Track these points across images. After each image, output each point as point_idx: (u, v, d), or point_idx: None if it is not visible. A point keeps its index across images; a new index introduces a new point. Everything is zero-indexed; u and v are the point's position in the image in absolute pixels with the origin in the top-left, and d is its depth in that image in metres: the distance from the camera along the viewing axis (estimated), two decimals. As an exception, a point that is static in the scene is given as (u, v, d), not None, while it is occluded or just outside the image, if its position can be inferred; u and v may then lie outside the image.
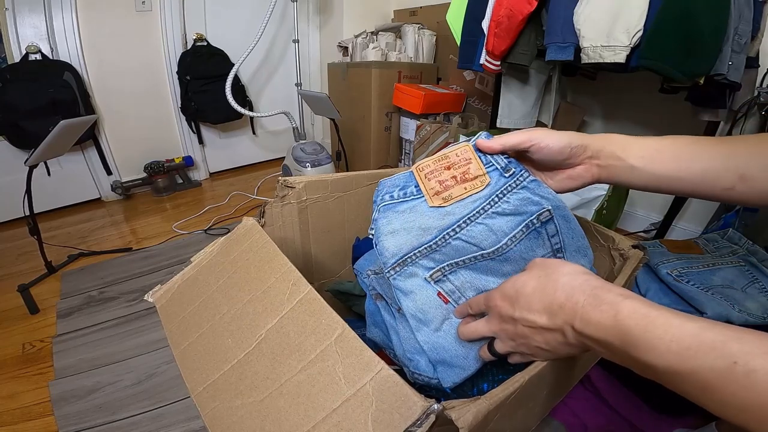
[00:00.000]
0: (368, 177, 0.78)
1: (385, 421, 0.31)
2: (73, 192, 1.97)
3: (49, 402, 0.91)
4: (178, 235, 1.67)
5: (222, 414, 0.39)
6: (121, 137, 1.99)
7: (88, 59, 1.79)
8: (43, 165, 1.60)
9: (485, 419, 0.32)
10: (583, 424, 0.80)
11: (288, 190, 0.69)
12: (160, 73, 2.02)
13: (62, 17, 1.69)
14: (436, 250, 0.46)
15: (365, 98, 1.90)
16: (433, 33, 2.00)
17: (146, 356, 1.03)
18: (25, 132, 1.62)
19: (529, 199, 0.46)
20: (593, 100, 1.57)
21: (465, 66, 1.30)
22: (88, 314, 1.20)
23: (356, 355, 0.35)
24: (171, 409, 0.88)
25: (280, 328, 0.41)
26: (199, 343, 0.45)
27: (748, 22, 0.91)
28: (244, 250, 0.50)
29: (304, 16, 2.29)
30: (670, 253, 0.86)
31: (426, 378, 0.46)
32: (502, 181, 0.46)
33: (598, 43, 0.96)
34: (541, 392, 0.44)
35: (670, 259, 0.83)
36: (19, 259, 1.53)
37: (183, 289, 0.51)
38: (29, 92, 1.60)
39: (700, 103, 1.09)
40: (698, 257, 0.84)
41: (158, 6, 1.90)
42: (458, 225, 0.46)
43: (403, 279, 0.46)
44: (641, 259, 0.55)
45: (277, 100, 2.38)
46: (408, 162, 1.95)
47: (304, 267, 0.78)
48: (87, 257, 1.52)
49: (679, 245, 0.90)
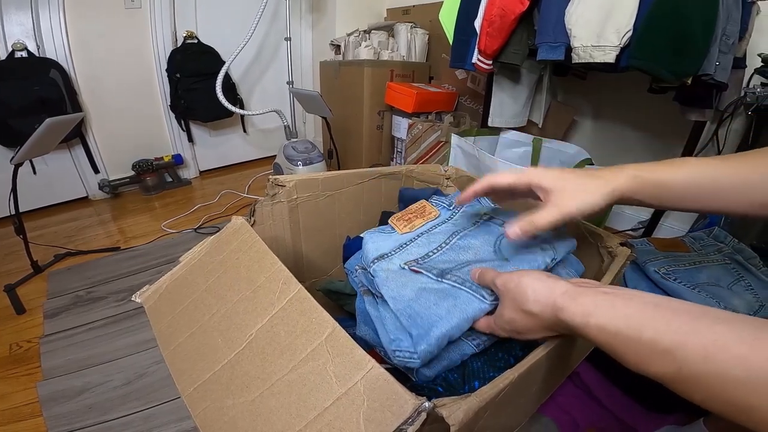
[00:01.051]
0: (360, 175, 0.78)
1: (376, 420, 0.31)
2: (60, 191, 1.94)
3: (37, 403, 0.90)
4: (167, 234, 1.65)
5: (213, 414, 0.38)
6: (109, 135, 1.97)
7: (75, 57, 1.77)
8: (29, 163, 1.58)
9: (476, 416, 0.32)
10: (573, 420, 0.81)
11: (278, 188, 0.69)
12: (150, 71, 2.00)
13: (49, 14, 1.66)
14: (406, 248, 0.57)
15: (357, 97, 1.90)
16: (425, 32, 2.00)
17: (136, 356, 1.02)
18: (10, 130, 1.59)
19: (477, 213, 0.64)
20: (583, 100, 1.58)
21: (457, 65, 1.30)
22: (76, 314, 1.18)
23: (347, 354, 0.35)
24: (162, 409, 0.87)
25: (270, 328, 0.41)
26: (188, 344, 0.44)
27: (736, 23, 0.92)
28: (234, 249, 0.50)
29: (297, 14, 2.27)
30: (657, 251, 0.88)
31: (408, 354, 0.45)
32: (447, 213, 0.66)
33: (588, 43, 0.97)
34: (530, 389, 0.45)
35: (658, 257, 0.84)
36: (4, 259, 1.50)
37: (172, 289, 0.51)
38: (15, 90, 1.57)
39: (688, 103, 1.10)
40: (685, 255, 0.85)
41: (148, 3, 1.87)
42: (422, 233, 0.61)
43: (382, 269, 0.53)
44: (629, 256, 0.56)
45: (269, 98, 2.36)
46: (400, 161, 1.95)
47: (295, 266, 0.77)
48: (74, 257, 1.50)
49: (667, 243, 0.91)
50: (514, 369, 0.37)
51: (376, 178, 0.81)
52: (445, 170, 0.87)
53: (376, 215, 0.84)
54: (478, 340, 0.48)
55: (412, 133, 1.77)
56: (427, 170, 0.87)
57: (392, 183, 0.85)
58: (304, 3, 2.26)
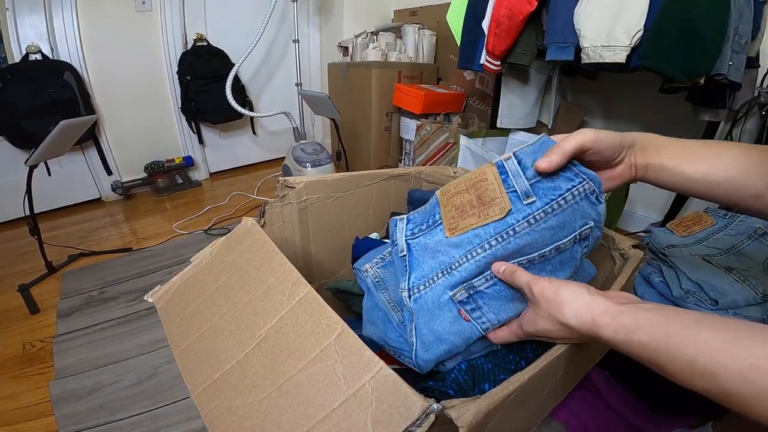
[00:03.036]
0: (369, 177, 0.78)
1: (384, 421, 0.31)
2: (74, 192, 1.97)
3: (49, 402, 0.91)
4: (178, 235, 1.67)
5: (222, 414, 0.39)
6: (121, 137, 2.00)
7: (88, 59, 1.80)
8: (44, 165, 1.61)
9: (485, 418, 0.32)
10: (583, 424, 0.80)
11: (288, 190, 0.69)
12: (161, 73, 2.02)
13: (62, 17, 1.69)
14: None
15: (365, 98, 1.90)
16: (433, 33, 2.00)
17: (146, 356, 1.03)
18: (25, 132, 1.62)
19: None
20: (593, 100, 1.57)
21: (465, 66, 1.30)
22: (89, 314, 1.20)
23: (356, 355, 0.35)
24: (171, 409, 0.88)
25: (279, 328, 0.41)
26: (199, 343, 0.45)
27: (749, 22, 0.91)
28: (244, 250, 0.50)
29: (305, 16, 2.29)
30: (680, 237, 0.86)
31: None
32: None
33: (598, 43, 0.96)
34: (541, 392, 0.44)
35: (687, 245, 0.83)
36: (19, 259, 1.53)
37: (183, 290, 0.51)
38: (29, 92, 1.60)
39: (701, 103, 1.09)
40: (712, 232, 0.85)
41: (158, 6, 1.90)
42: None
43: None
44: (642, 259, 0.55)
45: (278, 100, 2.37)
46: (408, 162, 1.95)
47: (304, 267, 0.78)
48: (87, 257, 1.52)
49: (688, 222, 0.89)
50: (524, 371, 0.37)
51: (385, 180, 0.81)
52: (454, 172, 0.87)
53: (385, 217, 0.84)
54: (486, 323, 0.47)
55: (421, 135, 1.77)
56: (436, 172, 0.86)
57: (401, 184, 0.85)
58: (312, 5, 2.27)
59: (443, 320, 0.46)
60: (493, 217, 0.44)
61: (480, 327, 0.46)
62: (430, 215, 0.50)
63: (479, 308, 0.46)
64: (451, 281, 0.46)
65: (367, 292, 0.56)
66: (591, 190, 0.43)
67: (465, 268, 0.45)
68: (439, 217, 0.49)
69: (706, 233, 0.85)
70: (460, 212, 0.47)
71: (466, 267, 0.45)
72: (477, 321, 0.46)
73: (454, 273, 0.46)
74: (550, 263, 0.46)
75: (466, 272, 0.45)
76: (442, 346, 0.47)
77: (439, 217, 0.49)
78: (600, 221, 0.46)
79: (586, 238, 0.46)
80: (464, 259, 0.45)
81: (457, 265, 0.45)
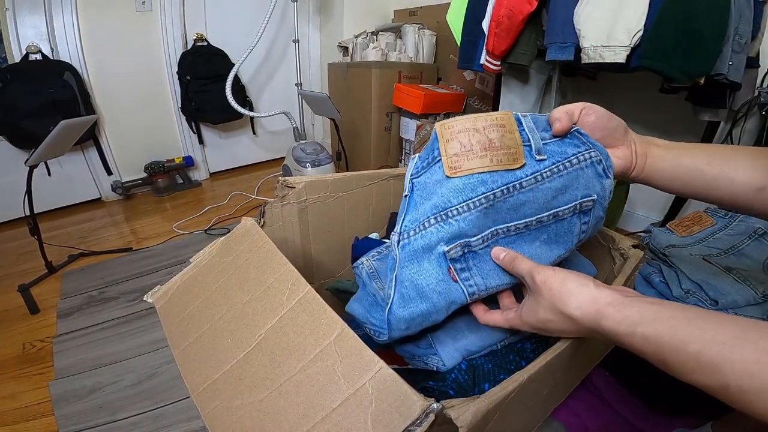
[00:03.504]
0: (369, 177, 0.78)
1: (384, 421, 0.31)
2: (74, 192, 1.97)
3: (49, 402, 0.91)
4: (178, 235, 1.67)
5: (222, 414, 0.39)
6: (121, 137, 1.99)
7: (88, 59, 1.79)
8: (44, 165, 1.61)
9: (484, 418, 0.32)
10: (583, 424, 0.80)
11: (288, 190, 0.69)
12: (161, 73, 2.02)
13: (62, 17, 1.69)
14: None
15: (365, 98, 1.90)
16: (433, 33, 2.00)
17: (146, 356, 1.03)
18: (25, 132, 1.62)
19: None
20: (593, 100, 1.53)
21: (465, 66, 1.30)
22: (89, 314, 1.20)
23: (356, 355, 0.35)
24: (171, 409, 0.88)
25: (279, 328, 0.41)
26: (198, 344, 0.45)
27: (749, 22, 0.91)
28: (244, 250, 0.50)
29: (305, 16, 2.29)
30: (680, 237, 0.87)
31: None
32: None
33: (598, 43, 0.96)
34: (541, 392, 0.44)
35: (687, 244, 0.83)
36: (19, 259, 1.53)
37: (182, 290, 0.51)
38: (29, 92, 1.60)
39: (701, 103, 1.09)
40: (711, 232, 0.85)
41: (158, 6, 1.90)
42: None
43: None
44: (641, 258, 0.55)
45: (278, 100, 2.37)
46: (408, 162, 1.95)
47: (304, 267, 0.78)
48: (87, 257, 1.52)
49: (688, 222, 0.89)
50: (523, 371, 0.37)
51: (385, 180, 0.81)
52: (453, 171, 0.86)
53: (385, 217, 0.84)
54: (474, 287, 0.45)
55: (421, 135, 1.77)
56: (436, 171, 0.86)
57: (401, 184, 0.85)
58: (312, 5, 2.27)
59: (429, 275, 0.44)
60: (506, 165, 0.42)
61: (466, 290, 0.44)
62: (429, 150, 0.46)
63: (469, 269, 0.44)
64: (448, 232, 0.43)
65: (361, 285, 0.55)
66: (597, 159, 0.44)
67: (464, 218, 0.42)
68: (438, 153, 0.44)
69: (706, 233, 0.86)
70: (467, 151, 0.42)
71: (467, 217, 0.42)
72: (464, 283, 0.44)
73: (451, 222, 0.42)
74: (545, 232, 0.45)
75: (465, 223, 0.42)
76: (422, 305, 0.44)
77: (438, 153, 0.44)
78: (604, 198, 0.45)
79: (587, 213, 0.45)
80: (465, 207, 0.42)
81: (456, 213, 0.42)
